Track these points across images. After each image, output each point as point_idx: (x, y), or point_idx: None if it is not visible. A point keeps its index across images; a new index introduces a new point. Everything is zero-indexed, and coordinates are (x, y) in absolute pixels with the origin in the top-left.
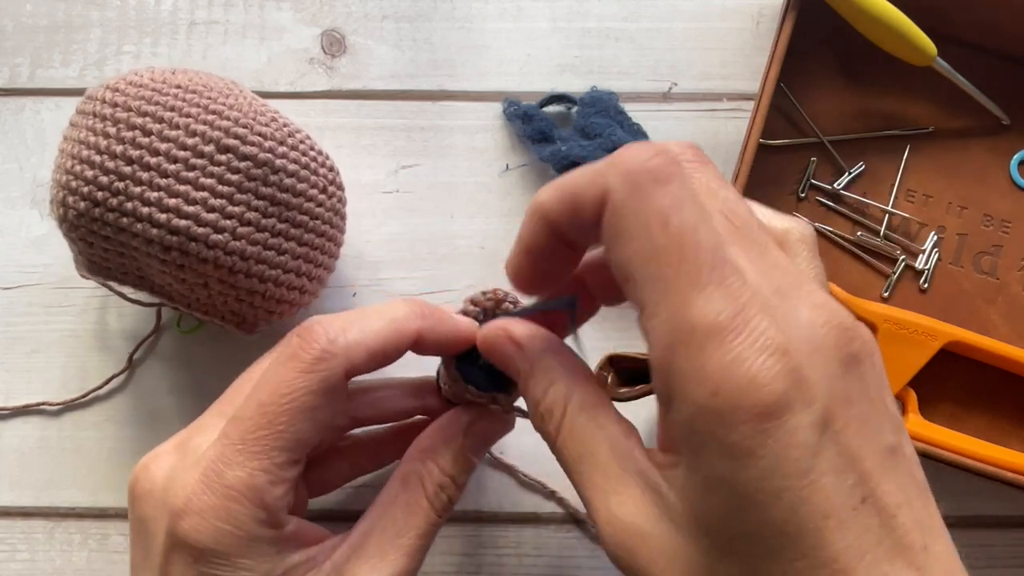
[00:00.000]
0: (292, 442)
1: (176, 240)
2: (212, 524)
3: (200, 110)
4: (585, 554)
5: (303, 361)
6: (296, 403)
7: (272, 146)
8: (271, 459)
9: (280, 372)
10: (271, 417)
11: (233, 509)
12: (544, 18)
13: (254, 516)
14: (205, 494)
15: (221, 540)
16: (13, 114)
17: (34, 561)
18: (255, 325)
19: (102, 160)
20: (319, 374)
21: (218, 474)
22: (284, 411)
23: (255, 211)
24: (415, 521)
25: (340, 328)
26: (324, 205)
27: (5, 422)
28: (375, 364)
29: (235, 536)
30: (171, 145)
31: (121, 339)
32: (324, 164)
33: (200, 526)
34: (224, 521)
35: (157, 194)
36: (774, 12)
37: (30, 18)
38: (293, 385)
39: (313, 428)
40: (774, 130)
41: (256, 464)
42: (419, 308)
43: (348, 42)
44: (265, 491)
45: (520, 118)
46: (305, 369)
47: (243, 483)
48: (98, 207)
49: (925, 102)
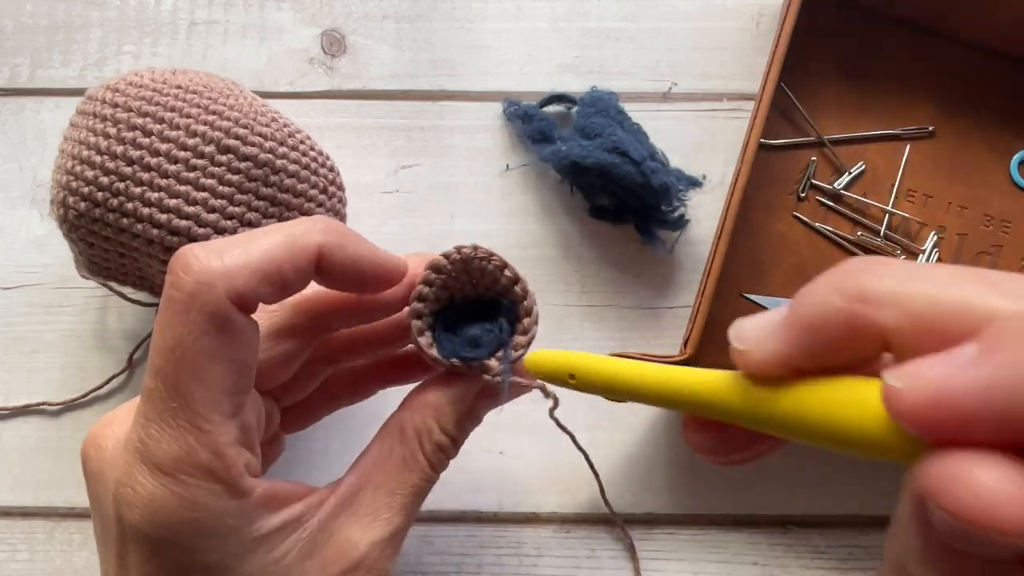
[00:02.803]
0: (210, 400)
1: (177, 240)
2: (162, 514)
3: (200, 111)
4: (585, 554)
5: (178, 302)
6: (188, 354)
7: (272, 146)
8: (197, 426)
9: (162, 323)
10: (172, 380)
11: (179, 493)
12: (544, 18)
13: (207, 492)
14: (146, 482)
15: (176, 528)
16: (13, 114)
17: (34, 561)
18: None
19: (102, 160)
20: (200, 312)
21: (148, 457)
22: (182, 369)
23: (256, 211)
24: (411, 479)
25: (216, 251)
26: (324, 205)
27: (5, 422)
28: (274, 289)
29: (192, 521)
30: (171, 146)
31: (121, 339)
32: (324, 164)
33: (150, 518)
34: (174, 508)
35: (158, 194)
36: (774, 12)
37: (30, 18)
38: (177, 335)
39: (229, 373)
40: (774, 130)
41: (183, 437)
42: (324, 223)
43: (348, 42)
44: (208, 462)
45: (520, 118)
46: (182, 310)
47: (178, 461)
48: (98, 207)
49: (925, 102)
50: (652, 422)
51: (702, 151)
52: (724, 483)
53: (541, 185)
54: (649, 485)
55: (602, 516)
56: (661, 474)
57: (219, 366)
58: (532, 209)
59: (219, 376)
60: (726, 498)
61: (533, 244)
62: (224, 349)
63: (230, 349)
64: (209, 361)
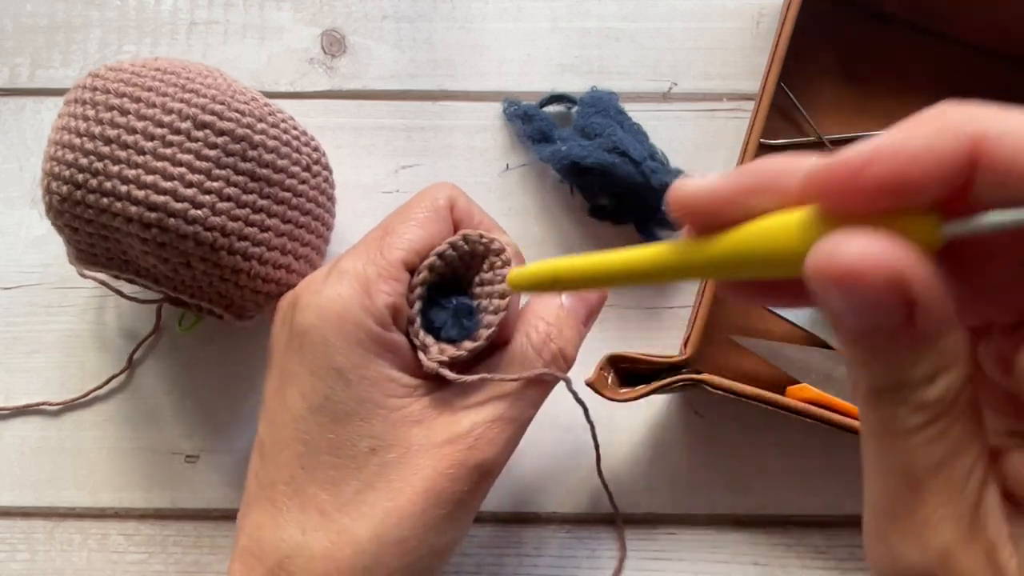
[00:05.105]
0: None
1: (155, 216)
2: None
3: (177, 89)
4: (585, 554)
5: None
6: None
7: (250, 122)
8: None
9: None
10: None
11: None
12: (544, 18)
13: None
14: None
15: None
16: (13, 114)
17: (34, 561)
18: (244, 308)
19: (82, 142)
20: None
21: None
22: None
23: (234, 186)
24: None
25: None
26: (308, 183)
27: (5, 422)
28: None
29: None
30: (148, 123)
31: (121, 339)
32: (308, 144)
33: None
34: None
35: (135, 171)
36: (774, 12)
37: (30, 18)
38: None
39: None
40: (774, 130)
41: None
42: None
43: (348, 42)
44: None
45: (520, 118)
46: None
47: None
48: (79, 189)
49: (925, 102)
50: (652, 422)
51: (702, 151)
52: (724, 483)
53: (541, 185)
54: (649, 485)
55: (602, 516)
56: (661, 474)
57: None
58: (532, 209)
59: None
60: (726, 498)
61: (533, 244)
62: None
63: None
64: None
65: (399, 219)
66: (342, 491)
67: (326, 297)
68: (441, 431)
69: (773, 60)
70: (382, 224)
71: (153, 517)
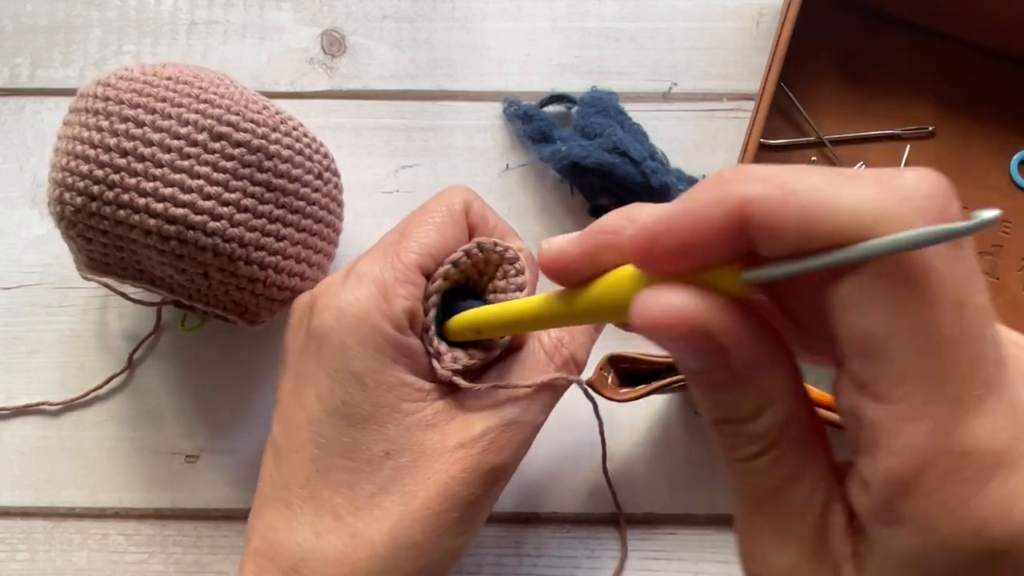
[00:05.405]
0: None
1: (174, 229)
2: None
3: (191, 100)
4: (585, 554)
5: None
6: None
7: (265, 132)
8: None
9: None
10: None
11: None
12: (544, 18)
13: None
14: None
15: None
16: (13, 114)
17: (34, 561)
18: (257, 315)
19: (96, 154)
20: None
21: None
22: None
23: (251, 197)
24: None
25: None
26: (320, 191)
27: (5, 422)
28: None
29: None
30: (164, 135)
31: (121, 339)
32: (318, 151)
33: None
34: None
35: (153, 184)
36: (774, 12)
37: (30, 18)
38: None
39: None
40: (774, 130)
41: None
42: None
43: (348, 42)
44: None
45: (520, 118)
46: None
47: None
48: (94, 201)
49: (925, 102)
50: (652, 422)
51: (702, 151)
52: (724, 483)
53: (541, 185)
54: (649, 485)
55: (602, 516)
56: (661, 474)
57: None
58: (532, 209)
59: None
60: (726, 498)
61: (533, 244)
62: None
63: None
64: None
65: (415, 223)
66: (356, 495)
67: (345, 300)
68: (454, 435)
69: (773, 60)
70: (398, 227)
71: (153, 517)
